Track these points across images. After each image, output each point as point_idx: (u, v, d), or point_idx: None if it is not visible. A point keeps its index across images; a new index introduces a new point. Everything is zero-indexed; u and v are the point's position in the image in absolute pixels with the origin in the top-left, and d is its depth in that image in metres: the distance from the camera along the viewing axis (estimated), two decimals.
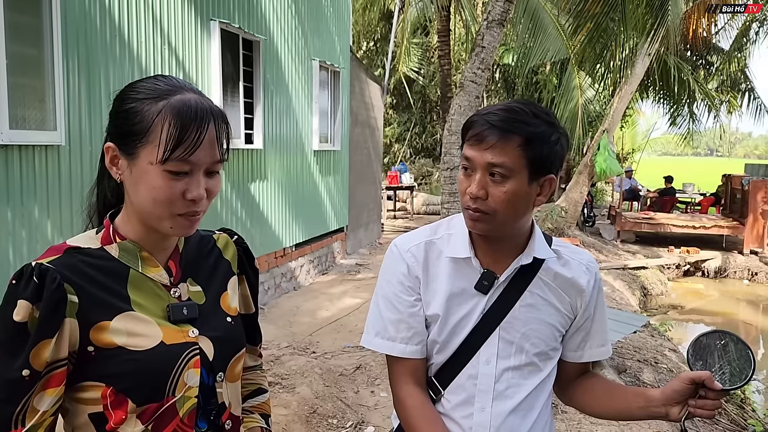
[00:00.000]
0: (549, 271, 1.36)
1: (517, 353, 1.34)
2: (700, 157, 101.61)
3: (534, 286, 1.34)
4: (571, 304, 1.37)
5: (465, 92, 5.11)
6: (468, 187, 1.26)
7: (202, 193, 1.06)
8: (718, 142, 21.55)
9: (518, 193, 1.24)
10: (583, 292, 1.38)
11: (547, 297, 1.35)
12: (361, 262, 9.46)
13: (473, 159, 1.24)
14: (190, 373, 1.10)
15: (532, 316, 1.34)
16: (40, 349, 1.00)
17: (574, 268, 1.38)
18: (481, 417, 1.33)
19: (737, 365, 1.31)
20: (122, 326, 1.06)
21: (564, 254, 1.39)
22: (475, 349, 1.33)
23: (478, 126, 1.24)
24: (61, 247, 1.09)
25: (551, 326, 1.36)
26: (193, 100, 1.06)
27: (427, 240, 1.39)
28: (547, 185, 1.29)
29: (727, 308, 10.69)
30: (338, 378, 4.56)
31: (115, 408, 1.05)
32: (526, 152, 1.22)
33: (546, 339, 1.35)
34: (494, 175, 1.23)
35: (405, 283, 1.36)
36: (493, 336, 1.33)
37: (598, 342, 1.42)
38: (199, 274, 1.21)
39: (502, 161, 1.21)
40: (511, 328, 1.33)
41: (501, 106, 1.26)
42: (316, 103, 8.26)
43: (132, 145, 1.06)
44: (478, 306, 1.33)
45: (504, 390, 1.34)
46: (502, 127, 1.22)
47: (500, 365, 1.33)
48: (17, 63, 3.72)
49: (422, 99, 21.71)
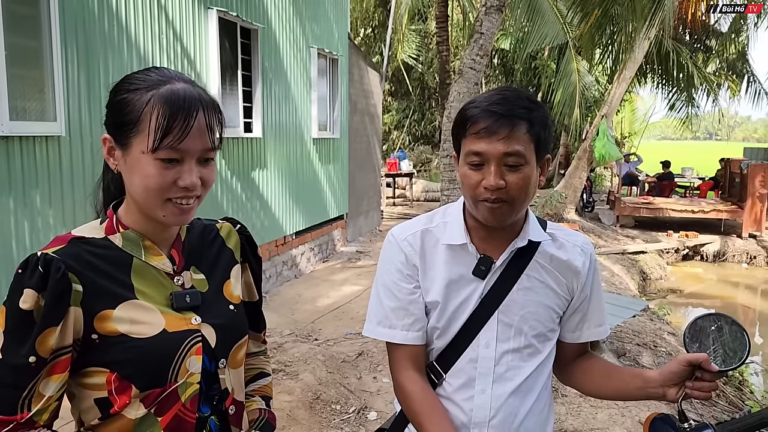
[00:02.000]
0: (545, 254, 1.38)
1: (516, 336, 1.36)
2: (699, 141, 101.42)
3: (530, 269, 1.37)
4: (568, 286, 1.40)
5: (464, 79, 5.11)
6: (482, 180, 1.26)
7: (195, 180, 1.08)
8: (717, 126, 21.50)
9: (532, 177, 1.28)
10: (579, 273, 1.40)
11: (544, 279, 1.38)
12: (361, 250, 9.50)
13: (486, 152, 1.25)
14: (192, 360, 1.12)
15: (530, 299, 1.36)
16: (46, 337, 1.02)
17: (569, 251, 1.41)
18: (482, 399, 1.35)
19: (732, 347, 1.33)
20: (125, 314, 1.08)
21: (559, 237, 1.42)
22: (474, 333, 1.36)
23: (484, 119, 1.25)
24: (65, 237, 1.11)
25: (549, 308, 1.38)
26: (182, 89, 1.08)
27: (423, 228, 1.41)
28: (546, 165, 1.34)
29: (726, 292, 10.75)
30: (341, 364, 4.60)
31: (119, 393, 1.08)
32: (532, 137, 1.26)
33: (544, 321, 1.38)
34: (509, 164, 1.25)
35: (403, 272, 1.39)
36: (492, 320, 1.35)
37: (595, 322, 1.45)
38: (202, 262, 1.23)
39: (516, 149, 1.24)
40: (510, 311, 1.35)
41: (497, 96, 1.28)
42: (315, 91, 8.24)
43: (125, 135, 1.08)
44: (476, 291, 1.36)
45: (504, 372, 1.36)
46: (509, 116, 1.24)
47: (500, 348, 1.36)
48: (16, 54, 3.71)
49: (421, 86, 21.67)
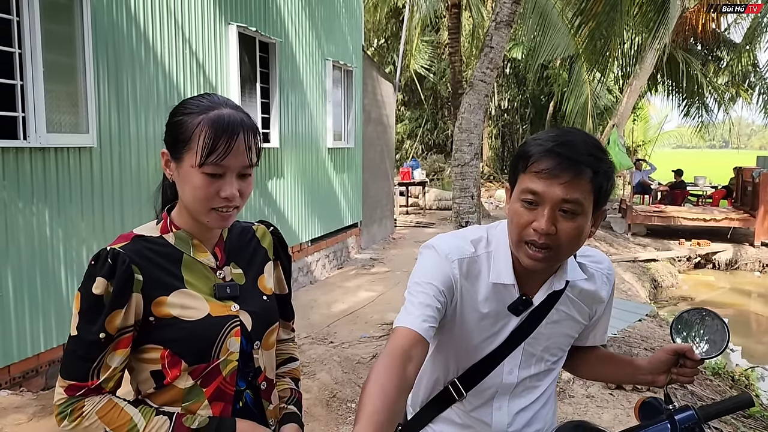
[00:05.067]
0: (574, 287, 1.41)
1: (537, 363, 1.44)
2: (714, 150, 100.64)
3: (560, 304, 1.40)
4: (590, 314, 1.47)
5: (474, 91, 5.30)
6: (534, 222, 1.23)
7: (235, 192, 1.28)
8: (733, 134, 21.52)
9: (584, 228, 1.24)
10: (603, 302, 1.47)
11: (571, 312, 1.43)
12: (375, 257, 9.68)
13: (543, 194, 1.21)
14: (232, 341, 1.32)
15: (555, 331, 1.42)
16: (113, 317, 1.23)
17: (597, 281, 1.44)
18: (498, 415, 1.46)
19: (714, 338, 1.49)
20: (177, 301, 1.29)
21: (589, 268, 1.43)
22: (499, 360, 1.41)
23: (548, 159, 1.20)
24: (129, 236, 1.32)
25: (569, 336, 1.47)
26: (227, 114, 1.27)
27: (471, 256, 1.37)
28: (600, 217, 1.29)
29: (738, 300, 10.77)
30: (355, 365, 4.78)
31: (171, 367, 1.29)
32: (594, 187, 1.21)
33: (562, 347, 1.48)
34: (566, 211, 1.21)
35: (444, 285, 1.33)
36: (517, 350, 1.41)
37: (602, 331, 1.56)
38: (240, 259, 1.44)
39: (575, 197, 1.20)
40: (536, 342, 1.41)
41: (564, 138, 1.23)
42: (330, 102, 8.47)
43: (178, 151, 1.29)
44: (508, 325, 1.39)
45: (521, 392, 1.46)
46: (575, 162, 1.19)
47: (521, 374, 1.44)
48: (53, 70, 3.97)
49: (433, 95, 21.89)
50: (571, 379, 4.62)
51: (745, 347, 8.23)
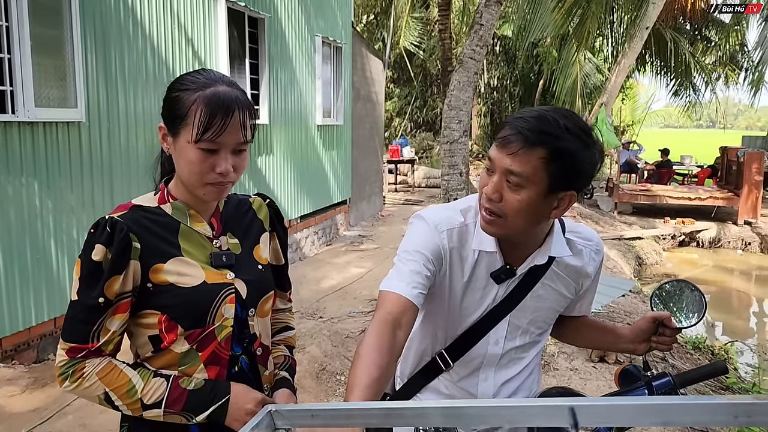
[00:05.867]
0: (561, 263, 1.43)
1: (523, 335, 1.47)
2: (701, 129, 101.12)
3: (546, 278, 1.42)
4: (576, 288, 1.49)
5: (464, 68, 5.32)
6: (484, 187, 1.28)
7: (229, 168, 1.31)
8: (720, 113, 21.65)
9: (531, 204, 1.23)
10: (589, 277, 1.49)
11: (557, 287, 1.45)
12: (364, 234, 9.73)
13: (495, 161, 1.25)
14: (227, 307, 1.37)
15: (540, 305, 1.45)
16: (112, 283, 1.27)
17: (585, 257, 1.46)
18: (484, 386, 1.50)
19: (692, 308, 1.55)
20: (174, 268, 1.33)
21: (577, 244, 1.44)
22: (485, 331, 1.45)
23: (507, 130, 1.23)
24: (127, 205, 1.36)
25: (555, 310, 1.50)
26: (223, 91, 1.30)
27: (460, 225, 1.40)
28: (565, 200, 1.27)
29: (721, 277, 10.96)
30: (345, 339, 4.85)
31: (168, 331, 1.33)
32: (548, 166, 1.19)
33: (548, 320, 1.51)
34: (510, 182, 1.23)
35: (434, 254, 1.37)
36: (503, 322, 1.44)
37: (588, 302, 1.60)
38: (236, 229, 1.48)
39: (520, 170, 1.20)
40: (521, 315, 1.44)
41: (535, 113, 1.23)
42: (319, 78, 8.44)
43: (175, 126, 1.31)
44: (490, 294, 1.42)
45: (506, 363, 1.50)
46: (528, 136, 1.19)
47: (507, 346, 1.47)
48: (40, 44, 3.94)
49: (423, 73, 21.79)
50: (555, 352, 4.73)
51: (726, 323, 8.41)
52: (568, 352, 4.76)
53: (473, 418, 0.84)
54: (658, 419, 0.75)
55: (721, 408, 0.71)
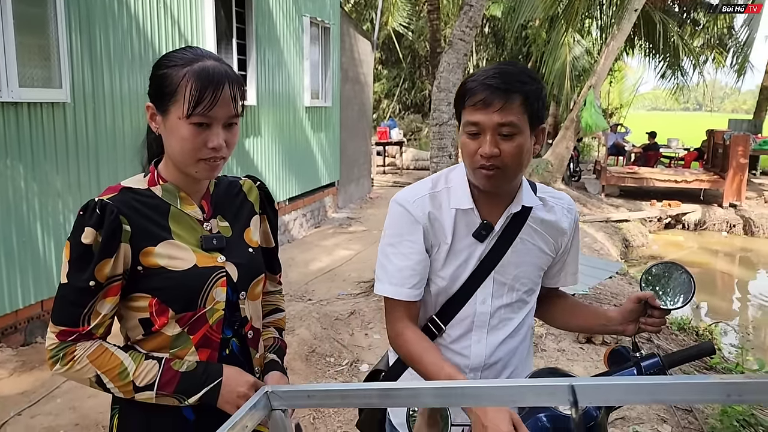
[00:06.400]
0: (536, 218, 1.51)
1: (509, 292, 1.52)
2: (688, 112, 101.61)
3: (524, 233, 1.49)
4: (555, 245, 1.55)
5: (453, 50, 5.29)
6: (479, 149, 1.36)
7: (221, 143, 1.30)
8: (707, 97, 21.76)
9: (524, 145, 1.37)
10: (565, 233, 1.55)
11: (535, 242, 1.51)
12: (352, 216, 9.72)
13: (482, 122, 1.34)
14: (218, 291, 1.36)
15: (522, 260, 1.50)
16: (102, 266, 1.26)
17: (558, 213, 1.54)
18: (478, 348, 1.53)
19: (681, 290, 1.57)
20: (164, 251, 1.32)
21: (549, 200, 1.54)
22: (472, 290, 1.50)
23: (481, 92, 1.34)
24: (116, 187, 1.34)
25: (538, 266, 1.54)
26: (211, 66, 1.29)
27: (429, 193, 1.49)
28: (540, 134, 1.43)
29: (705, 259, 11.09)
30: (334, 322, 4.87)
31: (159, 314, 1.33)
32: (526, 108, 1.35)
33: (533, 278, 1.54)
34: (503, 133, 1.34)
35: (412, 234, 1.47)
36: (488, 279, 1.49)
37: (571, 271, 1.63)
38: (227, 212, 1.46)
39: (509, 120, 1.33)
40: (504, 271, 1.49)
41: (495, 70, 1.37)
42: (307, 59, 8.37)
43: (164, 103, 1.30)
44: (475, 253, 1.48)
45: (497, 324, 1.53)
46: (504, 89, 1.32)
47: (494, 304, 1.51)
48: (23, 22, 3.86)
49: (411, 54, 21.65)
50: (543, 334, 4.77)
51: (711, 304, 8.53)
52: (555, 333, 4.81)
53: (470, 398, 0.84)
54: (652, 398, 0.76)
55: (714, 387, 0.72)
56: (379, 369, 1.77)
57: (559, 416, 1.39)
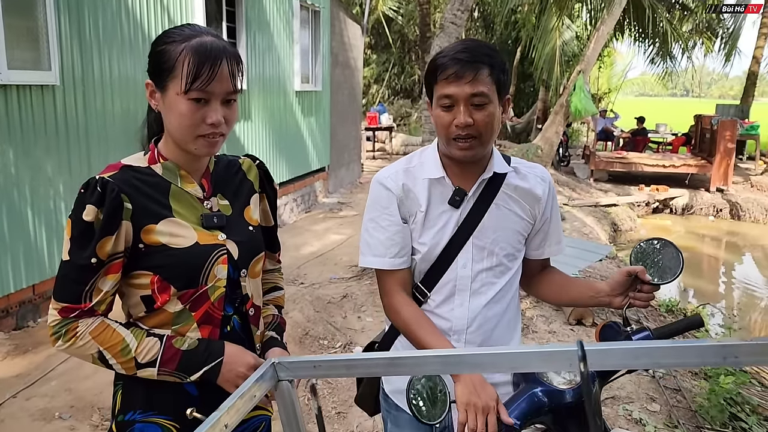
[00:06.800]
0: (510, 185, 1.58)
1: (489, 256, 1.57)
2: (676, 98, 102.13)
3: (499, 199, 1.57)
4: (531, 211, 1.61)
5: (445, 33, 5.28)
6: (454, 120, 1.45)
7: (220, 118, 1.30)
8: (695, 82, 21.90)
9: (495, 114, 1.46)
10: (540, 199, 1.61)
11: (511, 207, 1.58)
12: (342, 201, 9.72)
13: (455, 94, 1.43)
14: (219, 268, 1.37)
15: (499, 224, 1.57)
16: (104, 244, 1.26)
17: (531, 180, 1.61)
18: (461, 311, 1.58)
19: (669, 265, 1.59)
20: (165, 229, 1.32)
21: (521, 169, 1.62)
22: (453, 256, 1.56)
23: (452, 66, 1.43)
24: (117, 165, 1.34)
25: (516, 231, 1.59)
26: (209, 41, 1.29)
27: (403, 168, 1.60)
28: (507, 104, 1.53)
29: (692, 243, 11.20)
30: (327, 305, 4.89)
31: (161, 292, 1.33)
32: (493, 78, 1.44)
33: (512, 242, 1.59)
34: (475, 103, 1.43)
35: (389, 207, 1.57)
36: (467, 244, 1.56)
37: (554, 240, 1.68)
38: (227, 190, 1.47)
39: (480, 90, 1.42)
40: (482, 235, 1.56)
41: (462, 46, 1.46)
42: (298, 43, 8.31)
43: (163, 79, 1.30)
44: (452, 219, 1.56)
45: (479, 288, 1.58)
46: (473, 62, 1.42)
47: (475, 268, 1.57)
48: (11, 4, 3.81)
49: (401, 39, 21.55)
50: (534, 315, 4.83)
51: (698, 287, 8.64)
52: (546, 315, 4.86)
53: (472, 366, 0.87)
54: (652, 361, 0.78)
55: (710, 350, 0.75)
56: (374, 341, 1.82)
57: (554, 391, 1.42)
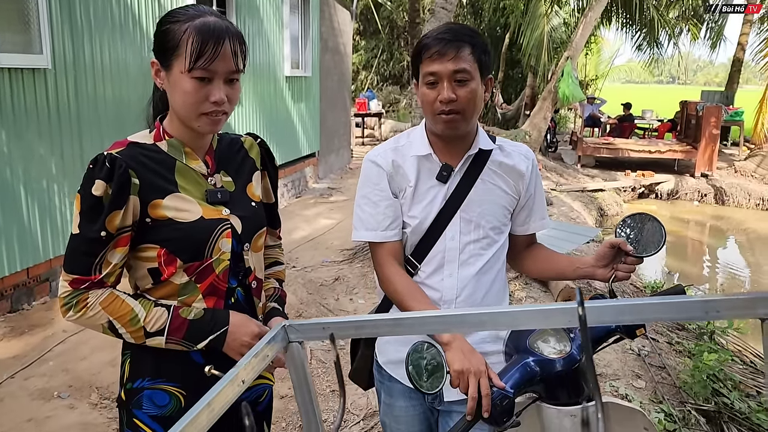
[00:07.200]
0: (495, 162, 1.66)
1: (476, 229, 1.65)
2: (662, 85, 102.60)
3: (484, 174, 1.64)
4: (515, 187, 1.68)
5: (436, 18, 5.32)
6: (438, 96, 1.52)
7: (223, 97, 1.35)
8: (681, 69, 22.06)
9: (477, 91, 1.54)
10: (524, 175, 1.68)
11: (496, 182, 1.66)
12: (333, 186, 9.76)
13: (438, 71, 1.51)
14: (224, 242, 1.42)
15: (485, 198, 1.64)
16: (113, 217, 1.31)
17: (515, 157, 1.68)
18: (450, 281, 1.65)
19: (652, 238, 1.66)
20: (172, 204, 1.37)
21: (506, 147, 1.70)
22: (441, 228, 1.64)
23: (435, 45, 1.51)
24: (124, 142, 1.38)
25: (501, 206, 1.67)
26: (212, 21, 1.33)
27: (392, 147, 1.67)
28: (489, 83, 1.60)
29: (677, 227, 11.38)
30: (319, 287, 4.95)
31: (167, 264, 1.38)
32: (476, 57, 1.52)
33: (498, 216, 1.66)
34: (458, 80, 1.51)
35: (379, 183, 1.64)
36: (455, 217, 1.63)
37: (539, 216, 1.75)
38: (229, 168, 1.52)
39: (462, 67, 1.50)
40: (469, 209, 1.63)
41: (445, 27, 1.55)
42: (287, 28, 8.30)
43: (167, 58, 1.34)
44: (440, 194, 1.63)
45: (467, 259, 1.65)
46: (455, 40, 1.50)
47: (462, 240, 1.64)
48: None
49: (390, 25, 21.49)
50: (523, 297, 4.92)
51: (682, 270, 8.80)
52: (535, 296, 4.96)
53: (474, 324, 0.93)
54: (640, 316, 0.85)
55: (695, 305, 0.82)
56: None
57: (546, 360, 1.49)
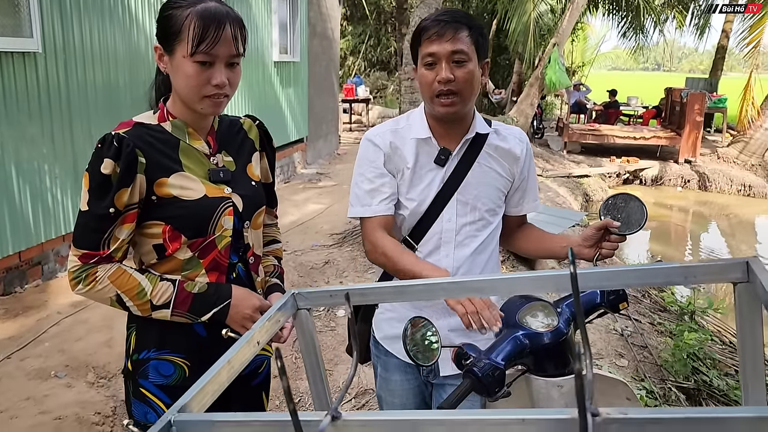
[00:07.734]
0: (491, 145, 1.72)
1: (472, 211, 1.71)
2: (647, 72, 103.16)
3: (481, 158, 1.70)
4: (510, 170, 1.75)
5: (425, 4, 5.35)
6: (436, 77, 1.57)
7: (224, 80, 1.41)
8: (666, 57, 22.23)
9: (474, 73, 1.59)
10: (518, 159, 1.75)
11: (492, 165, 1.72)
12: (321, 171, 9.79)
13: (437, 52, 1.56)
14: (226, 219, 1.48)
15: (481, 182, 1.70)
16: (121, 195, 1.37)
17: (510, 141, 1.75)
18: (446, 261, 1.71)
19: (635, 218, 1.74)
20: (176, 182, 1.43)
21: (501, 131, 1.76)
22: (438, 210, 1.70)
23: (434, 27, 1.56)
24: (129, 123, 1.44)
25: (496, 188, 1.73)
26: (213, 6, 1.39)
27: (392, 129, 1.72)
28: (486, 67, 1.66)
29: (661, 213, 11.55)
30: (310, 271, 5.02)
31: (172, 240, 1.45)
32: (473, 39, 1.57)
33: (493, 198, 1.73)
34: (456, 60, 1.56)
35: (375, 160, 1.69)
36: (452, 200, 1.69)
37: (532, 198, 1.83)
38: (230, 148, 1.58)
39: (460, 48, 1.55)
40: (466, 192, 1.69)
41: (444, 10, 1.62)
42: (275, 13, 8.28)
43: (170, 43, 1.40)
44: (437, 176, 1.69)
45: (462, 240, 1.72)
46: (453, 22, 1.56)
47: (459, 222, 1.70)
48: None
49: (377, 10, 21.41)
50: None
51: (665, 254, 8.96)
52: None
53: (474, 290, 1.00)
54: (623, 282, 0.92)
55: (675, 271, 0.89)
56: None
57: (534, 334, 1.57)
